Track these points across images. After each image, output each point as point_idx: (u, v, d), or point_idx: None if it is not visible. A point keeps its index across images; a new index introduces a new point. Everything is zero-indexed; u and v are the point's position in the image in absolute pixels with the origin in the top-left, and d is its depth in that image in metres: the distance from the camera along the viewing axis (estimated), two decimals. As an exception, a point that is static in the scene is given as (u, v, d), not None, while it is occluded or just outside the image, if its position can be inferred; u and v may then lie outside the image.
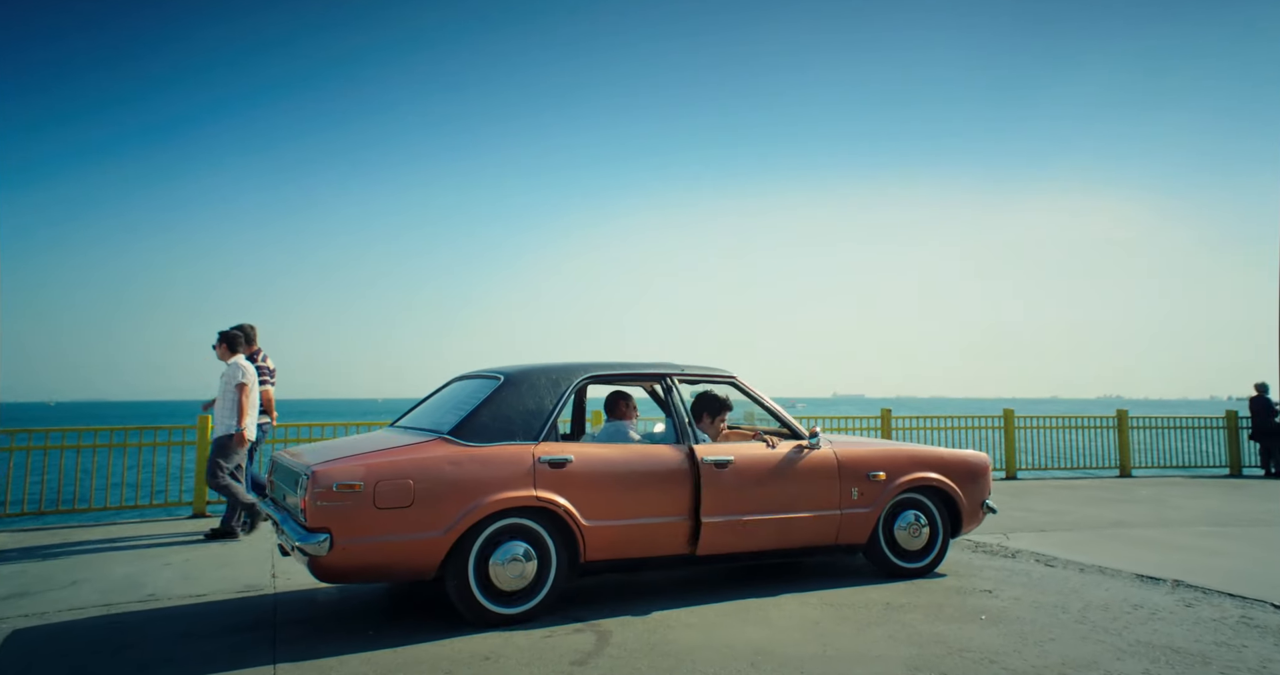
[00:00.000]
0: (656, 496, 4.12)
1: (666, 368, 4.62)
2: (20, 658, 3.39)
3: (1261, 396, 12.23)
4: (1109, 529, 6.74)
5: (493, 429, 3.93)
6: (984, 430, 11.40)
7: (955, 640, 3.46)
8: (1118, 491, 9.68)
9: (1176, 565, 5.20)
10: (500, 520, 3.77)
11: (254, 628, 3.74)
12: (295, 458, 4.01)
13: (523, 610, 3.74)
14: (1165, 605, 4.15)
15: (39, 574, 5.25)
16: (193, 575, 5.09)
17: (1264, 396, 12.22)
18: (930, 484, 4.81)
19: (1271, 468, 12.12)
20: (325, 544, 3.43)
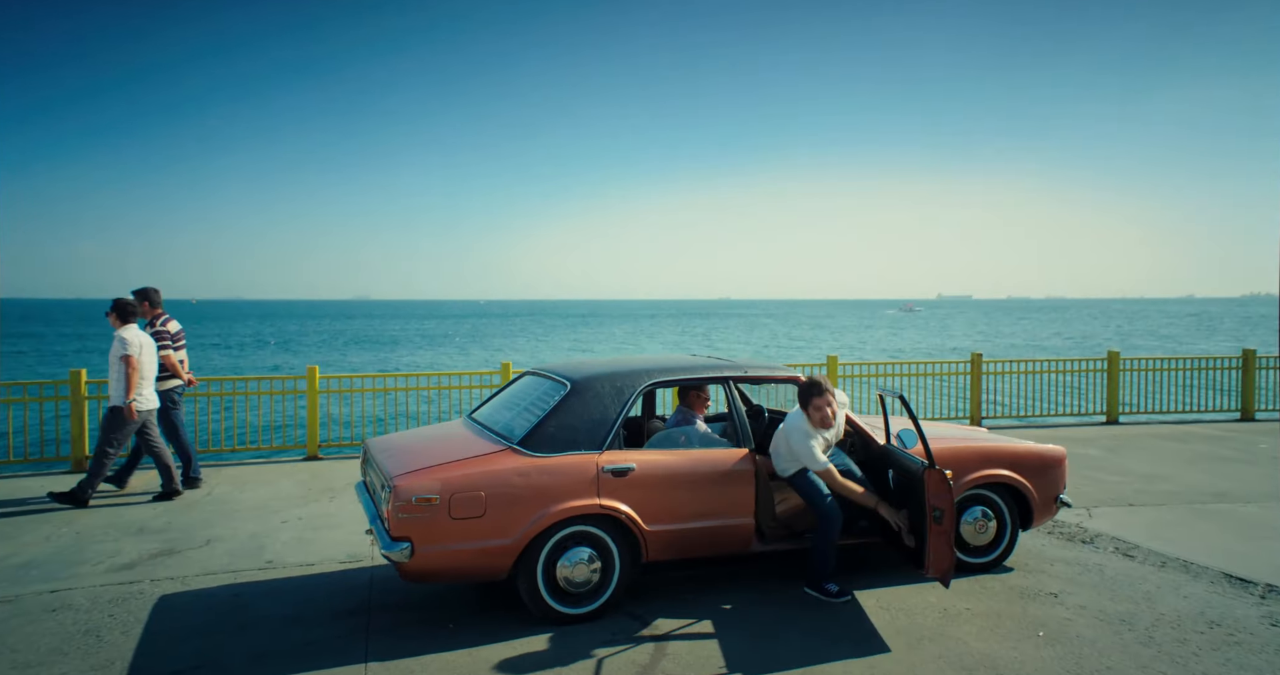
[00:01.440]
0: (717, 500, 4.25)
1: (729, 369, 4.63)
2: (162, 634, 3.95)
3: None
4: (1209, 503, 6.45)
5: (559, 439, 4.11)
6: (1085, 374, 10.85)
7: (1007, 666, 3.50)
8: (1233, 444, 9.15)
9: (1272, 561, 4.97)
10: (566, 528, 4.00)
11: (352, 613, 4.19)
12: (382, 455, 4.34)
13: (588, 610, 4.02)
14: (1247, 623, 4.02)
15: (183, 527, 5.99)
16: (306, 537, 5.67)
17: None
18: (999, 481, 4.73)
19: None
20: (407, 552, 3.76)
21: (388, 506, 3.85)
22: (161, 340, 7.03)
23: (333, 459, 8.74)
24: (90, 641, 3.92)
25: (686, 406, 5.02)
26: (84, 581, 4.82)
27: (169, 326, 7.17)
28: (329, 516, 6.24)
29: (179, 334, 7.28)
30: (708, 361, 4.78)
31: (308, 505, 6.64)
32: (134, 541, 5.66)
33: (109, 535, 5.82)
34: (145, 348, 6.62)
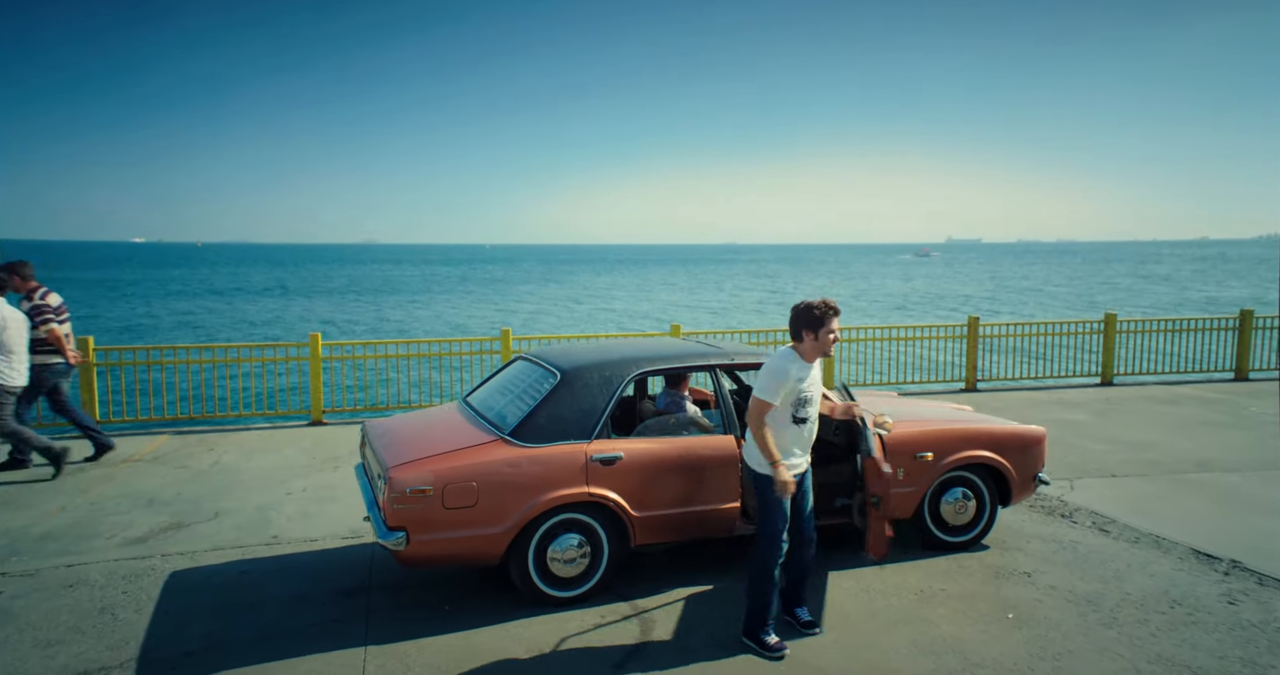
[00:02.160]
0: (703, 485, 4.39)
1: (715, 357, 4.71)
2: (173, 613, 4.17)
3: None
4: (1190, 473, 6.60)
5: (549, 430, 4.23)
6: (1081, 336, 10.90)
7: (974, 650, 3.68)
8: (1223, 407, 9.27)
9: (1244, 535, 5.14)
10: (556, 515, 4.15)
11: (353, 594, 4.39)
12: (379, 442, 4.48)
13: (578, 594, 4.20)
14: (1206, 602, 4.20)
15: (192, 498, 6.20)
16: (310, 511, 5.87)
17: None
18: (979, 462, 4.85)
19: None
20: (403, 541, 3.92)
21: (383, 497, 4.00)
22: (43, 314, 6.86)
23: (336, 424, 8.94)
24: (106, 620, 4.13)
25: (673, 388, 5.14)
26: (98, 556, 5.03)
27: (49, 299, 6.99)
28: (332, 488, 6.44)
29: (61, 307, 7.10)
30: (694, 348, 4.85)
31: (311, 475, 6.83)
32: (145, 514, 5.87)
33: (120, 507, 6.04)
34: (11, 323, 6.42)
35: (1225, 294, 48.15)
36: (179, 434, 8.56)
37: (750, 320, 35.87)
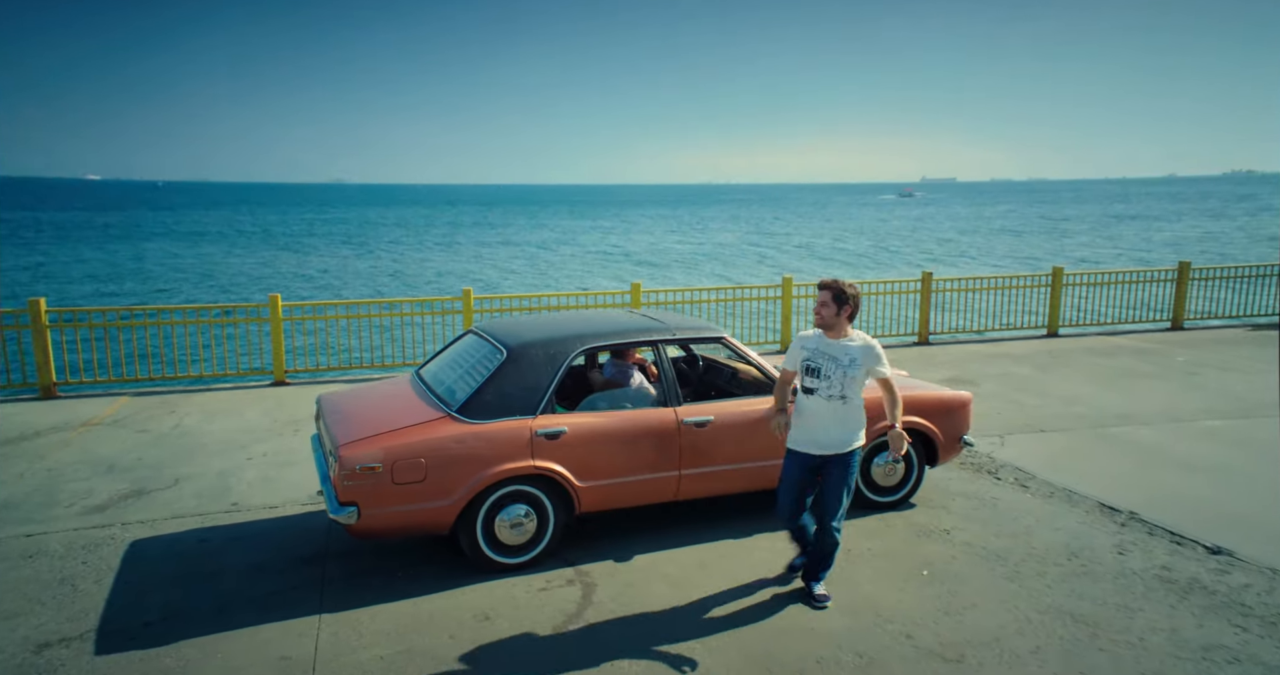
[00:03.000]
0: (645, 456, 4.61)
1: (657, 332, 4.88)
2: (133, 583, 4.34)
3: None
4: (1111, 427, 6.99)
5: (495, 406, 4.39)
6: (1030, 289, 11.24)
7: (888, 607, 4.00)
8: (1153, 358, 9.71)
9: (1145, 488, 5.53)
10: (503, 488, 4.36)
11: (310, 562, 4.59)
12: (331, 417, 4.62)
13: (524, 560, 4.44)
14: (1099, 553, 4.57)
15: (152, 464, 6.32)
16: (270, 476, 6.03)
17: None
18: (909, 426, 5.13)
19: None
20: (354, 515, 4.11)
21: (334, 474, 4.17)
22: None
23: (300, 384, 9.02)
24: (66, 591, 4.28)
25: (620, 359, 5.31)
26: (58, 525, 5.15)
27: None
28: (293, 453, 6.58)
29: None
30: (637, 323, 5.00)
31: (273, 439, 6.96)
32: (105, 480, 5.97)
33: (80, 473, 6.13)
34: None
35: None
36: (139, 395, 8.60)
37: (714, 272, 35.85)
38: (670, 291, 10.29)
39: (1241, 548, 4.60)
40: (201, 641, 3.74)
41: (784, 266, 35.09)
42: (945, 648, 3.62)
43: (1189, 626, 3.79)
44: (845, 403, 3.89)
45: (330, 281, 30.10)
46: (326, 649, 3.67)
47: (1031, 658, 3.54)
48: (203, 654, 3.64)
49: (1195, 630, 3.76)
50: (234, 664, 3.56)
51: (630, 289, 9.83)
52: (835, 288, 3.88)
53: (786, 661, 3.53)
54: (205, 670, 3.51)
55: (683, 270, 34.99)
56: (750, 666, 3.49)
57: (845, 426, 3.93)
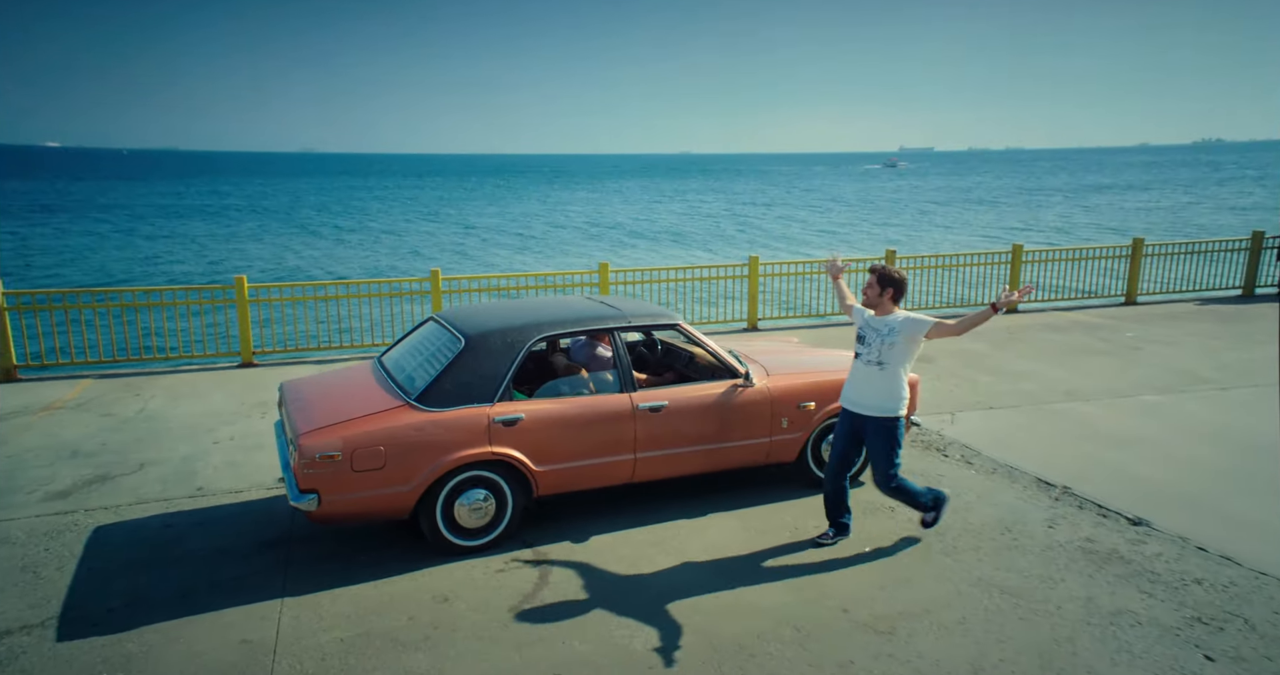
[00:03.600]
0: (601, 440, 4.75)
1: (613, 319, 4.99)
2: (96, 569, 4.43)
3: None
4: (1057, 402, 7.26)
5: (453, 394, 4.50)
6: (991, 266, 11.49)
7: (829, 582, 4.20)
8: (1104, 333, 10.01)
9: (1080, 463, 5.80)
10: (462, 473, 4.48)
11: (274, 545, 4.70)
12: (293, 405, 4.69)
13: (483, 542, 4.59)
14: (1031, 528, 4.81)
15: (116, 449, 6.35)
16: (236, 460, 6.10)
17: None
18: (858, 410, 5.31)
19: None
20: (314, 502, 4.22)
21: (294, 462, 4.26)
22: None
23: (267, 366, 9.03)
24: (28, 578, 4.35)
25: (592, 338, 5.42)
26: (20, 512, 5.20)
27: None
28: (260, 436, 6.64)
29: None
30: (594, 310, 5.10)
31: (239, 422, 7.00)
32: (68, 466, 6.01)
33: (42, 459, 6.16)
34: None
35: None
36: (103, 378, 8.57)
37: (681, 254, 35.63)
38: (638, 271, 10.38)
39: (1159, 518, 4.88)
40: (164, 627, 3.85)
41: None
42: (878, 621, 3.83)
43: (1103, 594, 4.05)
44: (881, 369, 4.39)
45: (308, 261, 29.60)
46: (288, 632, 3.80)
47: (957, 628, 3.77)
48: (165, 639, 3.75)
49: (1108, 597, 4.01)
50: (196, 648, 3.68)
51: (598, 268, 9.91)
52: (881, 272, 4.45)
53: (729, 636, 3.72)
54: (167, 655, 3.63)
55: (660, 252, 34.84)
56: (695, 642, 3.68)
57: (878, 391, 4.42)
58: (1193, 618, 3.83)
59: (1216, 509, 5.02)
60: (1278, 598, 4.01)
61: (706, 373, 5.36)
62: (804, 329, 10.62)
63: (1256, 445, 6.14)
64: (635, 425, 4.81)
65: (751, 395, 5.07)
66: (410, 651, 3.64)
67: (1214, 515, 4.93)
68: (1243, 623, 3.80)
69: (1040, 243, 29.91)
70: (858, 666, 3.48)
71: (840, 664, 3.50)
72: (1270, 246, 12.36)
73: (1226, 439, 6.28)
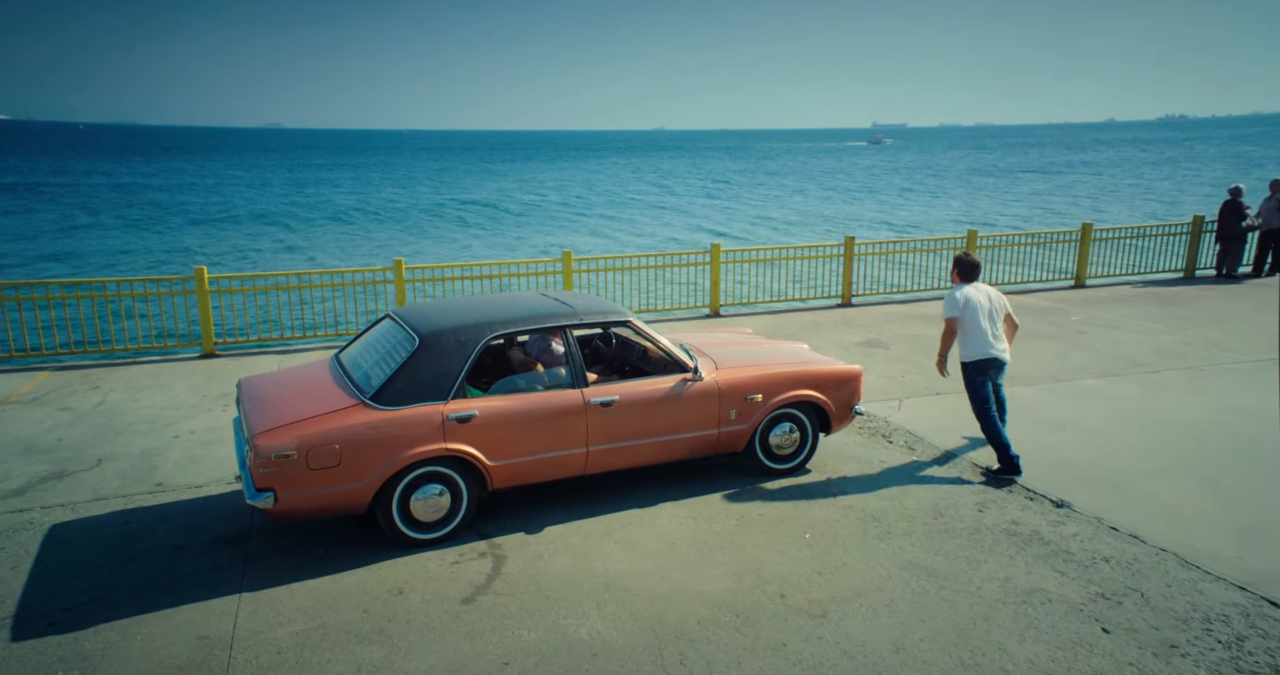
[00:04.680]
0: (553, 435, 4.90)
1: (566, 318, 5.12)
2: (52, 568, 4.49)
3: (1234, 200, 12.34)
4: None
5: (408, 393, 4.61)
6: (947, 251, 11.76)
7: (770, 569, 4.41)
8: (1053, 317, 10.34)
9: (1015, 447, 6.04)
10: (417, 469, 4.61)
11: (232, 541, 4.80)
12: (250, 404, 4.77)
13: (439, 535, 4.72)
14: (961, 510, 5.08)
15: (73, 444, 6.37)
16: (196, 455, 6.15)
17: (1237, 200, 12.33)
18: (804, 399, 5.52)
19: (1223, 270, 12.70)
20: (271, 500, 4.33)
21: (250, 461, 4.36)
22: None
23: (230, 356, 9.01)
24: (-18, 578, 4.41)
25: (544, 332, 5.53)
26: (-25, 511, 5.22)
27: None
28: (221, 429, 6.68)
29: None
30: (548, 308, 5.22)
31: (200, 416, 7.03)
32: (23, 462, 6.02)
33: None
34: None
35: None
36: (61, 369, 8.52)
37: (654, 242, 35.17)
38: (601, 259, 10.49)
39: (1080, 500, 5.17)
40: (121, 624, 3.95)
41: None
42: (812, 605, 4.06)
43: (1020, 574, 4.31)
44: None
45: (280, 246, 29.03)
46: (245, 627, 3.93)
47: (885, 610, 4.00)
48: (122, 637, 3.85)
49: (1024, 577, 4.28)
50: (153, 645, 3.79)
51: (561, 257, 10.00)
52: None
53: (671, 623, 3.92)
54: (124, 653, 3.74)
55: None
56: (639, 629, 3.87)
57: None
58: (1097, 594, 4.12)
59: (1134, 489, 5.33)
60: (1173, 572, 4.32)
61: (658, 366, 5.52)
62: (764, 315, 10.82)
63: (1177, 426, 6.47)
64: (587, 419, 4.96)
65: (700, 388, 5.25)
66: (365, 644, 3.78)
67: (1131, 495, 5.24)
68: (1139, 596, 4.09)
69: (1006, 228, 30.09)
70: (790, 649, 3.70)
71: (773, 646, 3.72)
72: (1209, 230, 12.80)
73: (1152, 421, 6.60)
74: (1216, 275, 12.78)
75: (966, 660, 3.60)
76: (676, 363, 5.31)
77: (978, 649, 3.67)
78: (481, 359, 5.65)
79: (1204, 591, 4.13)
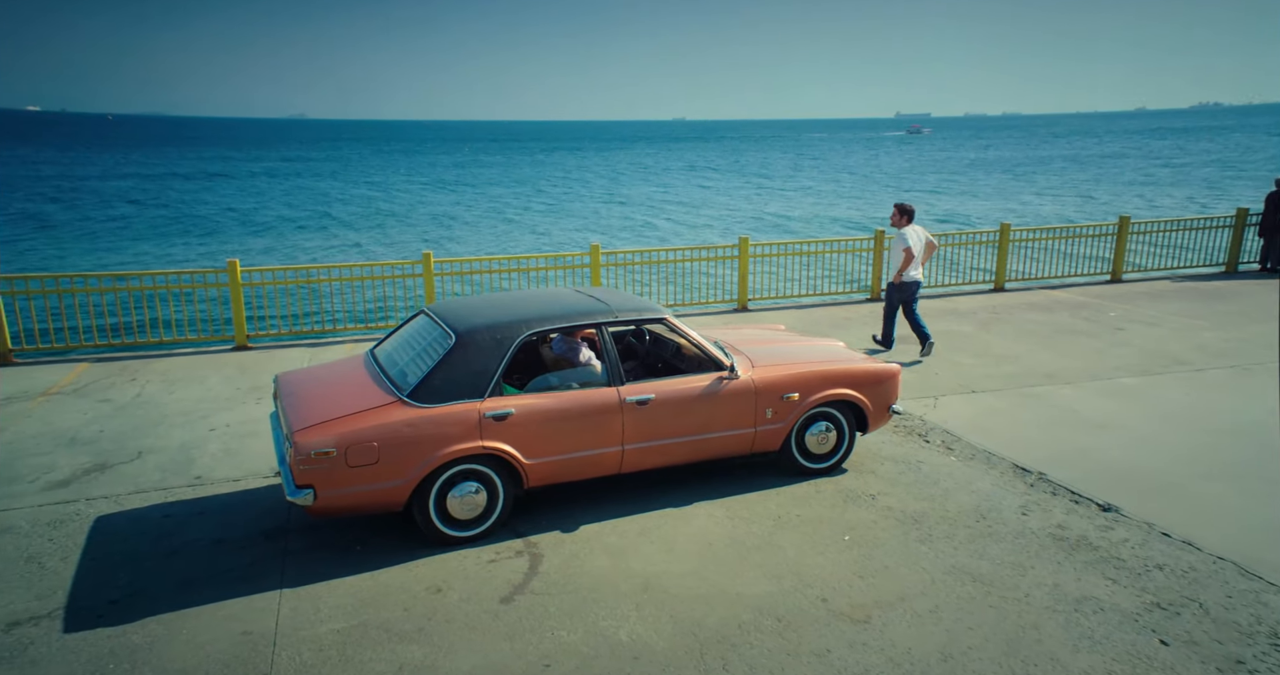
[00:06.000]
0: (589, 433, 4.87)
1: (602, 315, 5.08)
2: (98, 560, 4.56)
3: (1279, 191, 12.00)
4: (1038, 386, 7.41)
5: (444, 391, 4.60)
6: (979, 245, 11.57)
7: (810, 571, 4.36)
8: (1088, 313, 10.14)
9: (1056, 448, 5.97)
10: (454, 467, 4.60)
11: (271, 536, 4.84)
12: (288, 400, 4.79)
13: (476, 533, 4.73)
14: (1005, 514, 4.98)
15: (114, 436, 6.46)
16: (233, 448, 6.21)
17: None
18: (841, 399, 5.45)
19: (1268, 263, 12.38)
20: (310, 497, 4.35)
21: (290, 458, 4.38)
22: None
23: (261, 349, 9.10)
24: (33, 569, 4.48)
25: (568, 335, 5.52)
26: (22, 501, 5.32)
27: None
28: (255, 423, 6.74)
29: None
30: (583, 305, 5.19)
31: (235, 408, 7.10)
32: (68, 454, 6.12)
33: (41, 446, 6.26)
34: None
35: None
36: (99, 361, 8.65)
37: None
38: (628, 253, 10.43)
39: (1128, 504, 5.06)
40: (166, 618, 4.00)
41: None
42: (855, 609, 4.00)
43: (1069, 581, 4.22)
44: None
45: (315, 242, 29.12)
46: (286, 623, 3.95)
47: (930, 616, 3.94)
48: (168, 631, 3.89)
49: (1074, 584, 4.19)
50: (198, 640, 3.82)
51: (590, 251, 9.97)
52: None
53: (712, 626, 3.88)
54: (171, 646, 3.77)
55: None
56: (679, 632, 3.84)
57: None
58: (1152, 603, 4.01)
59: (1184, 493, 5.20)
60: (1233, 582, 4.20)
61: (693, 364, 5.47)
62: (794, 310, 10.72)
63: (1226, 428, 6.31)
64: (623, 418, 4.92)
65: (736, 387, 5.19)
66: (405, 643, 3.79)
67: (1181, 500, 5.11)
68: (1198, 607, 3.98)
69: (1032, 222, 29.28)
70: (834, 656, 3.65)
71: (817, 653, 3.67)
72: (1253, 223, 12.46)
73: (1198, 422, 6.44)
74: (1260, 269, 12.47)
75: (1018, 671, 3.53)
76: (712, 361, 5.26)
77: (1029, 659, 3.60)
78: (515, 356, 5.63)
79: (1267, 603, 4.01)
